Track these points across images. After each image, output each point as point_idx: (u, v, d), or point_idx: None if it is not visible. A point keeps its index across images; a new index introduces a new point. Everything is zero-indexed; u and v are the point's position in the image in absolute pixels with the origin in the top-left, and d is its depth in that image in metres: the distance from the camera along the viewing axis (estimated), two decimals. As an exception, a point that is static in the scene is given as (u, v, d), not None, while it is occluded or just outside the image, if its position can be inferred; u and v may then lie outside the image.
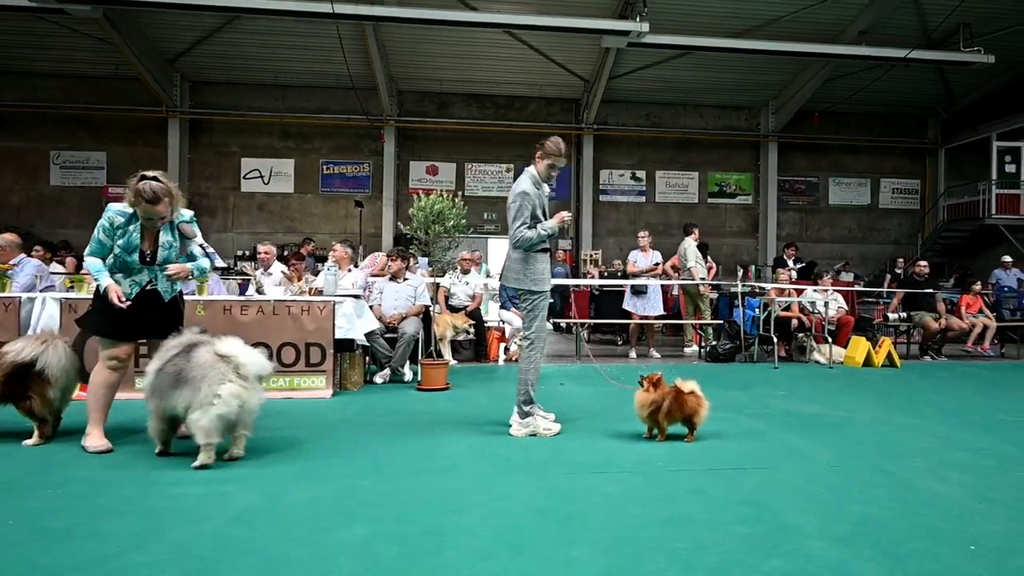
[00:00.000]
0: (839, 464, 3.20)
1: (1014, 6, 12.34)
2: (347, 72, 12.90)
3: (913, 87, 15.15)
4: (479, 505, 2.53)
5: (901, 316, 8.07)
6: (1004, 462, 3.26)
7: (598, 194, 15.75)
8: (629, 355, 7.90)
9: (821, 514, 2.45)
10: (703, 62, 13.74)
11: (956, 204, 15.41)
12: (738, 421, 4.18)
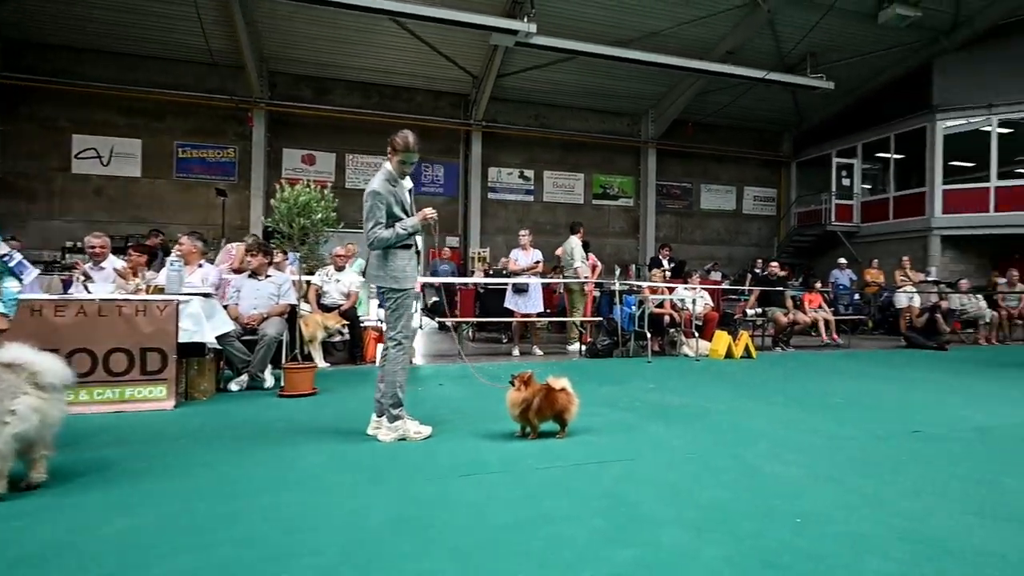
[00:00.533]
0: (696, 452, 3.34)
1: (850, 41, 13.92)
2: (207, 46, 11.80)
3: (771, 106, 16.65)
4: (331, 520, 2.33)
5: (757, 312, 8.80)
6: (833, 441, 3.57)
7: (487, 192, 15.77)
8: (512, 353, 7.92)
9: (675, 502, 2.54)
10: (589, 68, 14.17)
11: (805, 212, 17.15)
12: (609, 415, 4.26)
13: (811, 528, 2.26)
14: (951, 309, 9.59)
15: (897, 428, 3.92)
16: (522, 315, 7.83)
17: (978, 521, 2.36)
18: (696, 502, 2.54)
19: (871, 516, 2.39)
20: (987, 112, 13.82)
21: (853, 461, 3.17)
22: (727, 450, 3.37)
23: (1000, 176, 13.95)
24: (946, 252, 14.21)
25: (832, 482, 2.82)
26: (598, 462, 3.15)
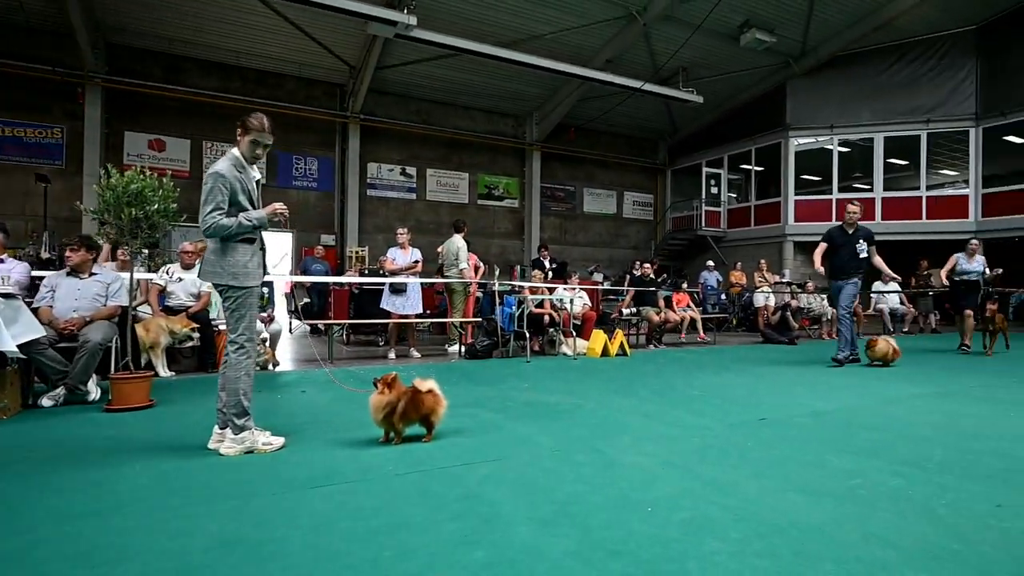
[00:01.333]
0: (561, 448, 3.32)
1: (717, 60, 15.03)
2: (18, 2, 10.34)
3: (648, 115, 17.59)
4: (147, 547, 2.01)
5: (632, 311, 9.19)
6: (689, 431, 3.72)
7: (366, 188, 15.24)
8: (388, 356, 7.63)
9: (533, 499, 2.49)
10: (474, 66, 14.14)
11: (679, 217, 18.31)
12: (480, 416, 4.16)
13: (659, 515, 2.30)
14: (800, 307, 10.61)
15: (747, 417, 4.17)
16: (399, 316, 7.56)
17: (803, 498, 2.51)
18: (554, 498, 2.51)
19: (714, 500, 2.48)
20: (829, 132, 15.51)
21: (705, 449, 3.30)
22: (590, 444, 3.39)
23: (840, 190, 15.70)
24: (798, 256, 15.75)
25: (683, 470, 2.91)
26: (463, 464, 3.04)
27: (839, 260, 7.01)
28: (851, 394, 5.11)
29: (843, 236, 7.11)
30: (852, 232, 7.07)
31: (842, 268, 6.98)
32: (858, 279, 7.02)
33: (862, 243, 6.95)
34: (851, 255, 6.93)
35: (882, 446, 3.38)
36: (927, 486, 2.68)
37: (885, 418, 4.14)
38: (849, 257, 6.94)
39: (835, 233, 7.20)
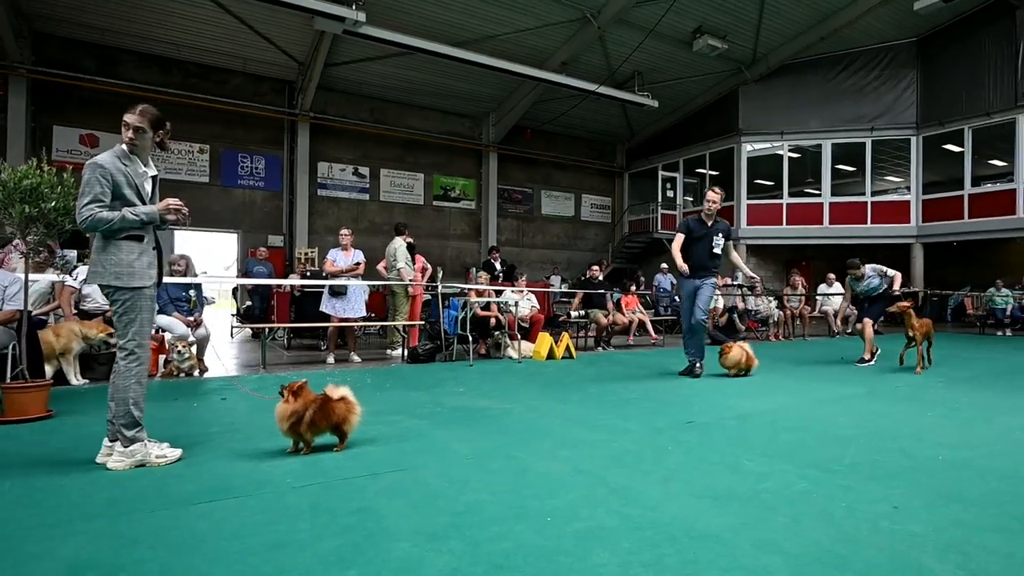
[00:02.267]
0: (476, 456, 3.22)
1: (671, 65, 15.20)
2: None
3: (606, 119, 17.69)
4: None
5: (580, 313, 9.16)
6: (613, 435, 3.65)
7: (316, 188, 14.89)
8: (327, 361, 7.41)
9: (429, 511, 2.38)
10: (429, 65, 13.96)
11: (636, 220, 18.45)
12: (404, 423, 4.03)
13: (555, 525, 2.22)
14: (747, 309, 10.76)
15: (675, 420, 4.13)
16: (339, 320, 7.36)
17: (706, 504, 2.46)
18: (452, 508, 2.40)
19: (616, 508, 2.41)
20: (780, 138, 15.84)
21: (624, 454, 3.24)
22: (507, 451, 3.29)
23: (790, 194, 16.06)
24: (751, 259, 16.02)
25: (592, 476, 2.83)
26: (368, 475, 2.90)
27: (696, 255, 6.17)
28: (783, 396, 5.15)
29: (701, 228, 6.24)
30: (711, 224, 6.23)
31: (700, 264, 6.16)
32: (715, 280, 6.37)
33: (719, 237, 6.18)
34: (708, 250, 6.15)
35: (799, 447, 3.38)
36: (831, 488, 2.67)
37: (809, 419, 4.15)
38: (706, 252, 6.15)
39: (693, 224, 6.31)
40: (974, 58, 14.18)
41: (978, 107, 14.14)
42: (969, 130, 14.39)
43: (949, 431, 3.78)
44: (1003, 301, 12.21)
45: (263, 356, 6.92)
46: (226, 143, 14.05)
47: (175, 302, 6.60)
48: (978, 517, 2.33)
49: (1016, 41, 13.44)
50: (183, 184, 13.53)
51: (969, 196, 14.49)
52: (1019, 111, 13.53)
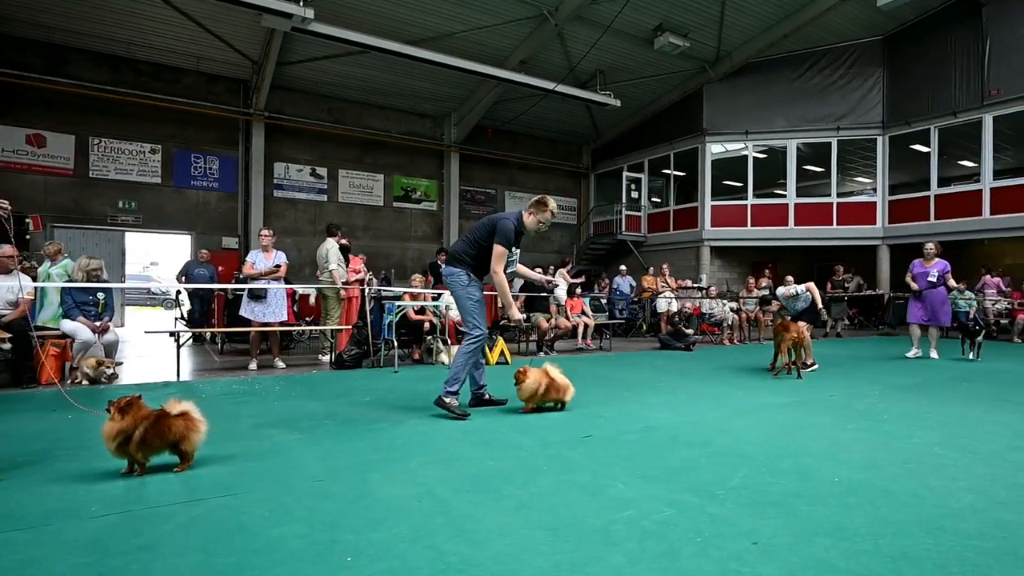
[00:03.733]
0: (327, 477, 2.88)
1: (633, 63, 14.92)
2: None
3: (571, 120, 17.41)
4: None
5: (523, 317, 8.77)
6: (492, 452, 3.29)
7: (272, 188, 14.47)
8: (249, 367, 7.01)
9: (217, 550, 2.06)
10: (387, 64, 13.60)
11: (601, 221, 18.15)
12: (275, 437, 3.67)
13: (355, 567, 1.91)
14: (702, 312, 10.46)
15: (574, 433, 3.79)
16: (260, 324, 6.95)
17: (543, 538, 2.14)
18: (249, 546, 2.07)
19: (437, 544, 2.08)
20: (744, 138, 15.63)
21: (494, 475, 2.90)
22: (364, 471, 2.95)
23: (756, 195, 15.84)
24: (715, 261, 15.78)
25: (439, 503, 2.50)
26: (184, 502, 2.54)
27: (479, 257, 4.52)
28: (707, 405, 4.82)
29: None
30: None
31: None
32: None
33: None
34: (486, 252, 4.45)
35: (689, 467, 3.05)
36: (697, 518, 2.33)
37: (718, 433, 3.82)
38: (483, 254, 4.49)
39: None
40: (940, 56, 14.04)
41: (944, 106, 13.99)
42: (935, 130, 14.24)
43: (861, 447, 3.46)
44: (966, 304, 11.98)
45: (177, 363, 6.50)
46: (179, 143, 13.65)
47: (81, 306, 6.24)
48: (844, 555, 2.00)
49: (983, 39, 13.30)
50: (135, 185, 13.16)
51: (935, 197, 14.34)
52: (985, 110, 13.38)
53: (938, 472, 2.94)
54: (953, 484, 2.74)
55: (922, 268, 8.26)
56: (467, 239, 4.50)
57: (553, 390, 4.35)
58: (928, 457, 3.23)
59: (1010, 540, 2.13)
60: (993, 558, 1.98)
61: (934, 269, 8.15)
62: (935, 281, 8.08)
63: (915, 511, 2.41)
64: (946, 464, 3.09)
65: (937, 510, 2.41)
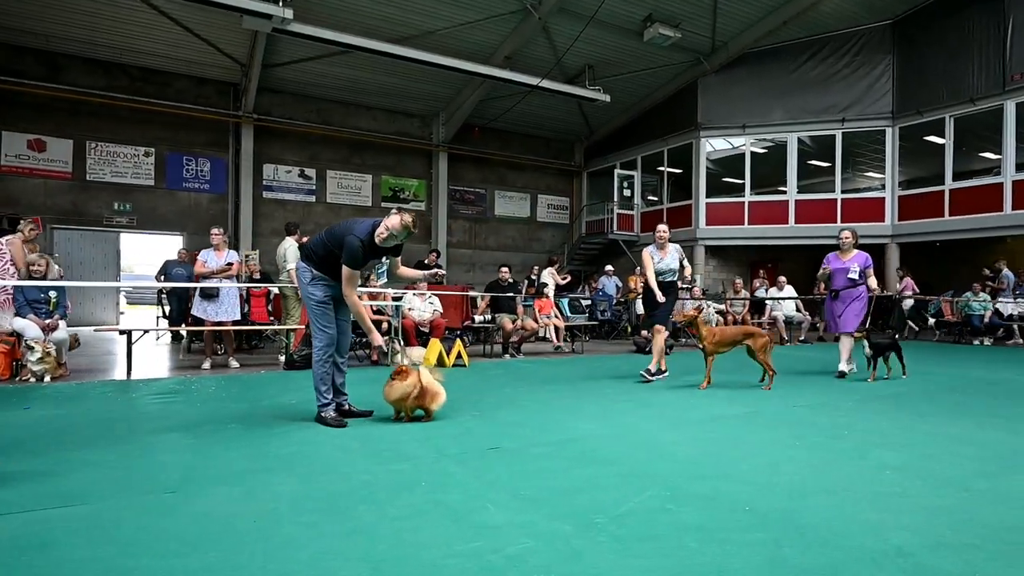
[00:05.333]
0: (179, 488, 2.56)
1: (623, 57, 14.45)
2: None
3: (563, 117, 17.00)
4: None
5: (486, 318, 8.44)
6: (387, 464, 2.97)
7: (261, 190, 14.33)
8: (202, 366, 6.83)
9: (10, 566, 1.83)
10: (372, 64, 13.37)
11: (593, 220, 17.68)
12: (157, 444, 3.41)
13: None
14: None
15: (479, 444, 3.43)
16: (212, 323, 6.75)
17: (356, 573, 1.80)
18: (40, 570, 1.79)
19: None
20: (741, 132, 15.06)
21: (351, 492, 2.55)
22: (217, 486, 2.63)
23: (754, 192, 15.26)
24: (710, 261, 15.23)
25: (268, 524, 2.18)
26: (9, 513, 2.28)
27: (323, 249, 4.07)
28: (644, 415, 4.39)
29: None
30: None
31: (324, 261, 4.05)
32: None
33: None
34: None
35: (586, 487, 2.66)
36: (553, 553, 1.96)
37: (639, 447, 3.43)
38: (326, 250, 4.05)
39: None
40: (956, 40, 13.21)
41: (961, 93, 13.15)
42: (951, 119, 13.45)
43: (798, 469, 3.02)
44: (980, 307, 11.25)
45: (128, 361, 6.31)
46: (171, 146, 13.72)
47: (32, 304, 6.22)
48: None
49: (1004, 19, 12.44)
50: (129, 187, 13.24)
51: (950, 191, 13.55)
52: (1007, 96, 12.48)
53: (877, 503, 2.50)
54: (888, 519, 2.30)
55: (839, 262, 6.65)
56: (322, 238, 4.11)
57: (422, 397, 3.88)
58: (874, 483, 2.78)
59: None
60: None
61: (853, 263, 6.54)
62: (856, 279, 6.51)
63: (827, 554, 1.98)
64: (891, 493, 2.63)
65: (854, 553, 1.98)
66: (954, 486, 2.75)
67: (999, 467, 3.09)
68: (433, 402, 3.93)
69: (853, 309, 6.47)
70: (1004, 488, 2.71)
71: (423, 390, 3.87)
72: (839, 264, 6.63)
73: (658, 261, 6.19)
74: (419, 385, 3.85)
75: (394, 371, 3.91)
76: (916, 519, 2.31)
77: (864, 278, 6.51)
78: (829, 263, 6.71)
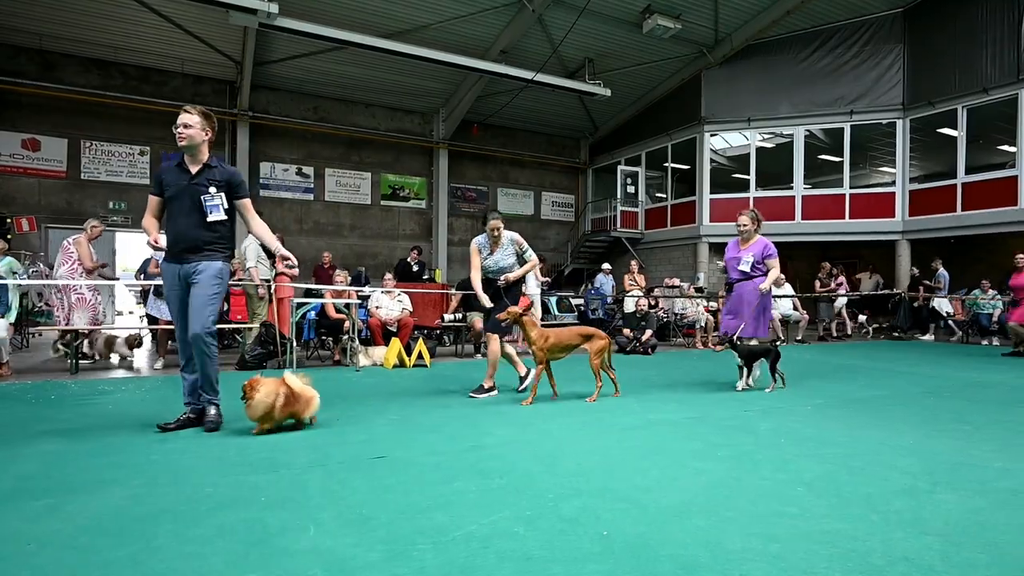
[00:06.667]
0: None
1: (623, 50, 14.06)
2: None
3: (566, 113, 16.69)
4: None
5: (457, 317, 8.21)
6: (248, 474, 2.75)
7: (258, 188, 14.35)
8: (155, 366, 6.74)
9: None
10: (366, 60, 13.27)
11: (598, 218, 17.31)
12: (15, 448, 3.21)
13: None
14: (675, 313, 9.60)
15: (367, 452, 3.22)
16: (165, 322, 6.66)
17: None
18: None
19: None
20: (746, 126, 14.55)
21: (163, 511, 2.33)
22: (32, 505, 2.42)
23: (759, 187, 14.74)
24: (714, 259, 14.75)
25: (63, 548, 1.97)
26: None
27: (177, 225, 3.68)
28: (570, 421, 4.11)
29: (179, 176, 3.68)
30: (196, 172, 3.67)
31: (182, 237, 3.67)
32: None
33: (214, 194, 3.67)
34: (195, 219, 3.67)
35: (437, 505, 2.44)
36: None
37: (536, 458, 3.17)
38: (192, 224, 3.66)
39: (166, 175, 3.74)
40: (969, 28, 12.56)
41: (974, 83, 12.51)
42: (963, 110, 12.81)
43: (700, 484, 2.75)
44: (989, 305, 10.63)
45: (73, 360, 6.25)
46: (167, 145, 13.71)
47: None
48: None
49: (1019, 5, 11.82)
50: (124, 186, 13.31)
51: (963, 185, 12.90)
52: (1022, 86, 11.87)
53: (757, 527, 2.20)
54: (755, 548, 2.02)
55: (734, 251, 5.70)
56: None
57: (291, 404, 3.53)
58: (773, 502, 2.49)
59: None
60: None
61: (748, 253, 5.54)
62: (748, 271, 5.51)
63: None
64: (784, 514, 2.33)
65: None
66: (865, 506, 2.44)
67: (931, 483, 2.76)
68: (306, 409, 3.63)
69: (752, 310, 5.42)
70: (922, 510, 2.39)
71: (291, 396, 3.54)
72: (734, 253, 5.69)
73: (486, 257, 5.11)
74: (282, 392, 3.51)
75: (245, 385, 3.50)
76: (792, 549, 2.02)
77: (759, 271, 5.47)
78: (727, 253, 5.83)
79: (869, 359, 8.40)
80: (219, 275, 3.70)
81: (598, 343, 4.77)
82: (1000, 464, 3.09)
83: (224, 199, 3.71)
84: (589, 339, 4.81)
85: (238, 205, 3.82)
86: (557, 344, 4.75)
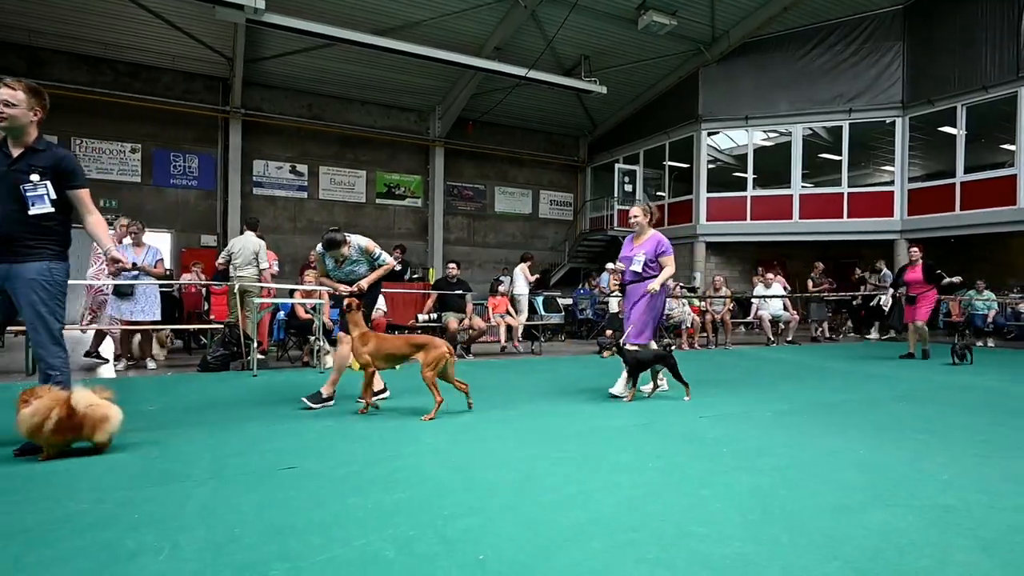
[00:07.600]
0: None
1: (620, 47, 13.85)
2: None
3: (565, 111, 16.52)
4: None
5: (431, 317, 8.09)
6: (173, 489, 2.62)
7: (251, 186, 14.34)
8: (117, 367, 6.69)
9: None
10: (360, 57, 13.22)
11: (597, 216, 17.13)
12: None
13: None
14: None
15: (282, 463, 3.10)
16: (125, 322, 6.61)
17: None
18: None
19: None
20: (743, 124, 14.30)
21: (45, 528, 2.24)
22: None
23: (757, 186, 14.47)
24: (711, 258, 14.52)
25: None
26: None
27: None
28: (502, 430, 3.93)
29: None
30: (17, 156, 3.17)
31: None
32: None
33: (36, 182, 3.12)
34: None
35: (306, 528, 2.31)
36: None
37: (449, 471, 3.04)
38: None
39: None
40: (969, 25, 12.30)
41: (973, 81, 12.25)
42: (963, 108, 12.51)
43: (609, 501, 2.59)
44: (984, 305, 10.36)
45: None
46: (158, 142, 13.78)
47: None
48: None
49: (1019, 2, 11.56)
50: (116, 184, 13.31)
51: (962, 184, 12.59)
52: (1022, 83, 11.61)
53: (659, 549, 2.05)
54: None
55: (627, 249, 5.15)
56: None
57: (67, 430, 2.93)
58: (685, 521, 2.32)
59: None
60: None
61: (640, 251, 4.98)
62: (639, 271, 4.96)
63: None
64: (689, 538, 2.15)
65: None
66: (783, 526, 2.27)
67: (866, 499, 2.58)
68: (97, 431, 3.02)
69: (637, 314, 4.87)
70: (842, 531, 2.22)
71: (65, 421, 2.90)
72: (627, 251, 5.11)
73: (332, 268, 4.63)
74: (55, 415, 2.87)
75: (23, 392, 2.97)
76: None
77: (651, 271, 4.91)
78: (622, 249, 5.26)
79: (850, 361, 8.18)
80: (41, 280, 3.09)
81: (433, 353, 4.16)
82: (946, 477, 2.91)
83: (51, 188, 3.10)
84: (422, 348, 4.23)
85: (71, 196, 3.22)
86: (379, 351, 4.26)
